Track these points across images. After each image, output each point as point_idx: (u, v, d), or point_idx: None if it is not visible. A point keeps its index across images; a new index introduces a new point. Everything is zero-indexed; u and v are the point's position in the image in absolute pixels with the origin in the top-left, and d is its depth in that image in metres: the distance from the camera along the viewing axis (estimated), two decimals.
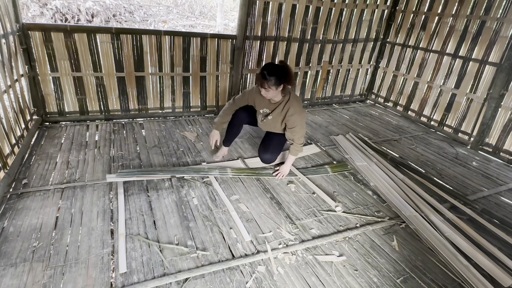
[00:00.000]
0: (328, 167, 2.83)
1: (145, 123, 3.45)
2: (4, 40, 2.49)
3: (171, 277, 1.62)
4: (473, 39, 3.63)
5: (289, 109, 2.42)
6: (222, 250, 1.84)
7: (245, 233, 1.98)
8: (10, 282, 1.52)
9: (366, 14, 4.33)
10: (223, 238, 1.94)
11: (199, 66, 3.58)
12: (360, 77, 4.85)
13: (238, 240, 1.93)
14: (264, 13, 3.60)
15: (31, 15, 8.35)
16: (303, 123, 2.46)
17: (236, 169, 2.60)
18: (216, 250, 1.84)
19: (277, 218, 2.16)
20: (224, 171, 2.55)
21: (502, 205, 2.57)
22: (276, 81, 2.22)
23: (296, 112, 2.41)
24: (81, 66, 3.11)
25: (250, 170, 2.64)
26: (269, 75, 2.20)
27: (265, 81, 2.21)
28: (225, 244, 1.89)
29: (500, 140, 3.43)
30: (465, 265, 1.85)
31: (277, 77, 2.22)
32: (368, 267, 1.83)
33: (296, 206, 2.30)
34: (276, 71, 2.22)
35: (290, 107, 2.42)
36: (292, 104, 2.42)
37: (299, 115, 2.42)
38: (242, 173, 2.56)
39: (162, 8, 11.03)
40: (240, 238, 1.95)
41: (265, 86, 2.23)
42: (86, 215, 2.00)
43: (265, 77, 2.20)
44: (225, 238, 1.94)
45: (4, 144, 2.30)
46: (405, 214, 2.27)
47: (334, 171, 2.80)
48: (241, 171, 2.58)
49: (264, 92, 2.30)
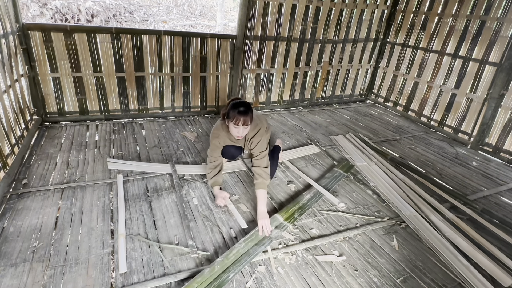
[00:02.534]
0: (338, 168, 2.81)
1: (145, 123, 3.45)
2: (4, 40, 2.49)
3: (171, 277, 1.62)
4: (473, 39, 3.63)
5: (250, 133, 2.25)
6: (222, 250, 1.84)
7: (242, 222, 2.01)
8: (10, 282, 1.52)
9: (366, 14, 4.33)
10: (223, 238, 1.94)
11: (199, 66, 3.58)
12: (360, 77, 4.85)
13: (238, 240, 1.93)
14: (264, 13, 3.60)
15: (31, 15, 8.35)
16: (264, 137, 2.26)
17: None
18: (216, 250, 1.83)
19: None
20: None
21: (502, 205, 2.57)
22: (252, 113, 2.09)
23: (256, 130, 2.24)
24: (81, 66, 3.11)
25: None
26: (249, 110, 2.05)
27: (247, 117, 2.03)
28: (225, 244, 1.89)
29: (500, 140, 3.43)
30: (465, 265, 1.85)
31: (251, 110, 2.09)
32: (368, 267, 1.83)
33: None
34: (248, 105, 2.08)
35: (252, 130, 2.24)
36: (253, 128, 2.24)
37: (259, 127, 2.25)
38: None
39: (162, 8, 11.03)
40: (240, 238, 1.95)
41: (248, 122, 2.05)
42: (86, 215, 2.00)
43: (245, 113, 2.02)
44: (225, 238, 1.94)
45: (4, 144, 2.30)
46: (405, 214, 2.27)
47: (344, 171, 2.79)
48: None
49: (242, 130, 2.07)
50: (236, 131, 2.09)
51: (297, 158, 2.99)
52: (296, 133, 3.56)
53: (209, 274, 1.63)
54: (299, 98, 4.45)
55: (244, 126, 2.06)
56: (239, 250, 1.81)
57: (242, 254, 1.78)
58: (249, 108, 2.07)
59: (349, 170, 2.82)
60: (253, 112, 2.12)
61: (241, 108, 2.03)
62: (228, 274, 1.65)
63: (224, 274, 1.65)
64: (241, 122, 2.03)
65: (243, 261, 1.74)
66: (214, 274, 1.64)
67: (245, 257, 1.77)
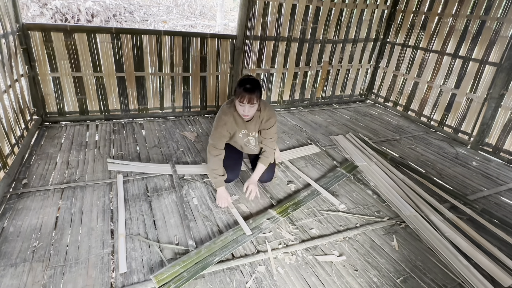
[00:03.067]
0: (341, 168, 2.80)
1: (145, 123, 3.45)
2: (4, 40, 2.49)
3: None
4: (473, 39, 3.63)
5: (264, 115, 2.21)
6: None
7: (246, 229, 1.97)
8: (10, 282, 1.52)
9: (366, 14, 4.33)
10: None
11: (199, 66, 3.58)
12: (360, 77, 4.85)
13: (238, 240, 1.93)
14: (264, 13, 3.60)
15: (31, 15, 8.35)
16: (276, 124, 2.29)
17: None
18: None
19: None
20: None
21: (502, 205, 2.57)
22: (260, 93, 2.05)
23: (271, 115, 2.22)
24: (81, 66, 3.11)
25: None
26: (255, 87, 1.98)
27: (253, 95, 1.96)
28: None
29: (500, 140, 3.43)
30: (465, 265, 1.85)
31: (259, 88, 2.03)
32: (368, 267, 1.83)
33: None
34: (256, 82, 2.01)
35: (263, 113, 2.20)
36: (264, 108, 2.21)
37: (274, 115, 2.25)
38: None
39: (162, 8, 11.03)
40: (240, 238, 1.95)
41: (253, 101, 1.98)
42: (86, 215, 2.00)
43: (251, 90, 1.96)
44: None
45: (4, 144, 2.30)
46: (405, 214, 2.27)
47: (349, 171, 2.78)
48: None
49: (247, 109, 2.01)
50: (242, 110, 2.03)
51: (297, 158, 2.99)
52: (296, 133, 3.56)
53: (195, 256, 1.73)
54: (299, 98, 4.45)
55: (249, 105, 1.98)
56: (227, 237, 1.89)
57: (230, 241, 1.86)
58: (256, 86, 1.99)
59: (352, 170, 2.81)
60: (261, 90, 2.05)
61: (247, 85, 1.95)
62: (214, 257, 1.73)
63: (210, 257, 1.73)
64: (246, 99, 1.96)
65: (230, 247, 1.81)
66: (201, 256, 1.73)
67: (232, 244, 1.85)
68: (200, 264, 1.68)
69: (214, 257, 1.74)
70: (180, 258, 1.71)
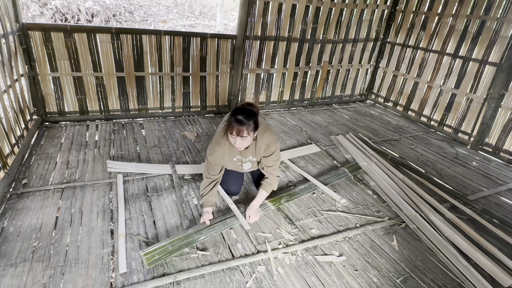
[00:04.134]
0: (345, 168, 2.79)
1: (145, 123, 3.45)
2: (4, 40, 2.49)
3: (171, 277, 1.62)
4: (473, 39, 3.63)
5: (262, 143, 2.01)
6: (222, 250, 1.84)
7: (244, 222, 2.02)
8: (10, 282, 1.52)
9: (366, 14, 4.33)
10: (223, 238, 1.94)
11: (199, 66, 3.58)
12: (360, 77, 4.85)
13: (238, 240, 1.93)
14: (264, 13, 3.60)
15: (31, 15, 8.35)
16: (278, 152, 2.09)
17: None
18: (216, 250, 1.83)
19: (276, 218, 2.16)
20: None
21: (502, 205, 2.57)
22: (255, 126, 1.85)
23: (270, 142, 2.02)
24: (81, 66, 3.11)
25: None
26: (247, 119, 1.79)
27: (242, 128, 1.78)
28: (225, 244, 1.89)
29: (500, 140, 3.43)
30: (465, 265, 1.85)
31: (255, 121, 1.84)
32: (368, 267, 1.83)
33: (296, 206, 2.30)
34: (249, 114, 1.82)
35: (260, 141, 2.00)
36: (262, 136, 2.00)
37: (275, 142, 2.04)
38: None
39: (162, 8, 11.03)
40: (241, 238, 1.95)
41: (243, 134, 1.79)
42: (86, 215, 2.00)
43: (242, 123, 1.78)
44: (225, 238, 1.94)
45: (4, 144, 2.30)
46: (405, 214, 2.27)
47: (351, 171, 2.78)
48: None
49: (239, 142, 1.83)
50: (233, 141, 1.86)
51: (297, 158, 2.99)
52: (296, 133, 3.56)
53: (183, 234, 1.87)
54: (299, 98, 4.44)
55: (239, 137, 1.82)
56: (215, 219, 2.03)
57: (217, 222, 2.00)
58: (250, 117, 1.81)
59: (355, 171, 2.80)
60: (257, 123, 1.86)
61: (239, 116, 1.79)
62: (200, 236, 1.88)
63: (196, 235, 1.88)
64: (235, 132, 1.80)
65: (217, 228, 1.96)
66: (188, 235, 1.87)
67: (220, 226, 1.98)
68: (185, 241, 1.82)
69: (200, 235, 1.88)
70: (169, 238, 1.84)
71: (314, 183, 2.53)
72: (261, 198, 2.12)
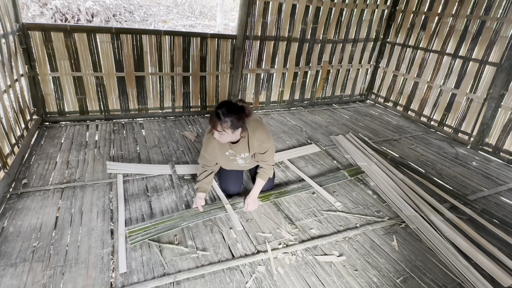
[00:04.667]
0: (345, 171, 2.76)
1: (145, 123, 3.45)
2: (4, 40, 2.49)
3: (171, 277, 1.62)
4: (473, 39, 3.63)
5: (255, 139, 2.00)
6: (222, 250, 1.84)
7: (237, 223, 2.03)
8: (10, 282, 1.52)
9: (366, 14, 4.33)
10: (223, 238, 1.94)
11: (199, 66, 3.58)
12: (360, 77, 4.85)
13: (238, 240, 1.93)
14: (264, 13, 3.60)
15: (31, 15, 8.35)
16: (273, 145, 2.11)
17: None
18: (216, 250, 1.84)
19: (276, 218, 2.16)
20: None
21: (502, 205, 2.57)
22: (233, 124, 1.80)
23: (263, 139, 2.01)
24: (81, 66, 3.11)
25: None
26: (224, 115, 1.77)
27: (218, 122, 1.78)
28: (225, 244, 1.89)
29: (500, 140, 3.43)
30: (465, 265, 1.85)
31: (234, 119, 1.79)
32: (368, 267, 1.83)
33: (296, 206, 2.30)
34: (233, 112, 1.79)
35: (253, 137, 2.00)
36: (253, 133, 1.99)
37: (268, 139, 2.03)
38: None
39: (162, 8, 11.03)
40: (241, 238, 1.95)
41: (217, 128, 1.80)
42: (86, 215, 2.00)
43: (219, 117, 1.77)
44: (225, 238, 1.94)
45: (4, 144, 2.30)
46: (405, 214, 2.27)
47: (351, 175, 2.73)
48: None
49: (217, 135, 1.86)
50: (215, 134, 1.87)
51: (297, 158, 2.99)
52: (296, 133, 3.56)
53: (167, 219, 1.98)
54: (299, 98, 4.44)
55: (217, 131, 1.82)
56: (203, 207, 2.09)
57: (201, 212, 2.07)
58: (229, 113, 1.77)
59: (355, 175, 2.76)
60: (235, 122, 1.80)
61: (218, 110, 1.78)
62: (183, 222, 1.98)
63: (180, 221, 1.98)
64: (211, 124, 1.81)
65: (200, 217, 2.04)
66: (171, 220, 1.97)
67: (203, 215, 2.06)
68: (168, 225, 1.93)
69: (183, 222, 1.97)
70: (154, 219, 1.97)
71: (310, 183, 2.52)
72: (259, 186, 2.17)
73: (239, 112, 1.82)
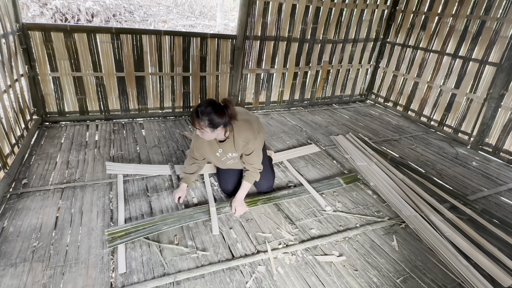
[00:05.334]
0: (340, 179, 2.65)
1: (145, 123, 3.45)
2: (4, 40, 2.49)
3: (171, 277, 1.62)
4: (473, 39, 3.63)
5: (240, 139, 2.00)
6: (222, 250, 1.84)
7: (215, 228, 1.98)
8: (10, 282, 1.52)
9: (366, 14, 4.33)
10: (223, 238, 1.94)
11: (199, 66, 3.58)
12: (360, 77, 4.85)
13: (238, 240, 1.93)
14: (264, 13, 3.60)
15: (31, 15, 8.35)
16: (259, 147, 2.10)
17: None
18: (216, 250, 1.84)
19: (276, 218, 2.16)
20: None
21: (502, 205, 2.57)
22: (211, 123, 1.79)
23: (249, 140, 2.00)
24: (81, 66, 3.11)
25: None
26: (202, 114, 1.77)
27: (196, 120, 1.79)
28: (225, 244, 1.89)
29: (500, 140, 3.43)
30: (465, 265, 1.85)
31: (212, 118, 1.77)
32: (368, 267, 1.83)
33: (296, 206, 2.30)
34: (212, 111, 1.77)
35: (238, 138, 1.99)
36: (239, 133, 1.98)
37: (254, 140, 2.01)
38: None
39: (162, 8, 11.03)
40: (241, 238, 1.95)
41: (196, 125, 1.81)
42: (86, 215, 2.00)
43: (197, 115, 1.78)
44: (225, 238, 1.94)
45: (4, 144, 2.30)
46: (405, 214, 2.27)
47: (346, 182, 2.62)
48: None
49: (198, 132, 1.87)
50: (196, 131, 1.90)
51: (297, 158, 2.99)
52: (296, 133, 3.56)
53: (148, 221, 1.95)
54: (299, 98, 4.44)
55: (197, 129, 1.84)
56: (185, 212, 2.07)
57: (185, 216, 2.04)
58: (205, 114, 1.77)
59: (351, 182, 2.66)
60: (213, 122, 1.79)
61: (197, 108, 1.80)
62: (164, 226, 1.95)
63: (162, 225, 1.94)
64: (191, 121, 1.83)
65: (182, 221, 2.00)
66: (153, 223, 1.95)
67: (186, 219, 2.02)
68: (148, 229, 1.89)
69: (164, 225, 1.94)
70: (135, 221, 1.95)
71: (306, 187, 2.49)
72: (245, 189, 2.13)
73: (219, 111, 1.79)
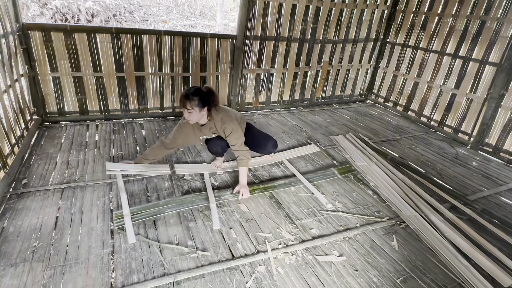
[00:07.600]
0: (335, 169, 2.76)
1: (145, 123, 3.45)
2: (4, 40, 2.49)
3: (171, 277, 1.62)
4: (473, 39, 3.63)
5: (219, 124, 2.33)
6: (222, 250, 1.84)
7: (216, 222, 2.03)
8: (10, 282, 1.52)
9: (366, 14, 4.33)
10: (223, 238, 1.94)
11: (199, 66, 3.58)
12: (360, 77, 4.85)
13: (238, 240, 1.93)
14: (264, 13, 3.60)
15: (31, 15, 8.35)
16: (237, 129, 2.36)
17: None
18: (216, 250, 1.84)
19: (277, 218, 2.16)
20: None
21: (502, 205, 2.57)
22: (200, 102, 2.14)
23: (225, 121, 2.31)
24: (81, 66, 3.11)
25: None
26: (192, 94, 2.13)
27: (187, 101, 2.12)
28: (225, 244, 1.89)
29: (500, 140, 3.43)
30: (465, 265, 1.85)
31: (200, 97, 2.14)
32: (368, 267, 1.83)
33: (296, 206, 2.30)
34: (200, 93, 2.16)
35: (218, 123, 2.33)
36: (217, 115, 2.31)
37: (230, 121, 2.32)
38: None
39: (162, 8, 11.03)
40: (241, 238, 1.95)
41: (187, 106, 2.13)
42: (86, 215, 2.00)
43: (188, 96, 2.12)
44: (225, 238, 1.94)
45: (4, 144, 2.30)
46: (405, 214, 2.27)
47: (341, 172, 2.75)
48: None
49: (186, 114, 2.18)
50: (184, 113, 2.21)
51: (297, 158, 2.99)
52: (296, 133, 3.56)
53: (152, 205, 2.10)
54: (299, 98, 4.45)
55: (185, 109, 2.15)
56: (187, 198, 2.21)
57: (186, 202, 2.16)
58: (195, 93, 2.13)
59: (346, 173, 2.76)
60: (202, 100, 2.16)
61: (187, 91, 2.15)
62: (168, 209, 2.07)
63: (165, 208, 2.08)
64: (182, 104, 2.14)
65: (184, 206, 2.13)
66: (157, 206, 2.09)
67: (187, 204, 2.15)
68: (153, 211, 2.03)
69: (168, 209, 2.08)
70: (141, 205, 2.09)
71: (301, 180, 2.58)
72: (244, 173, 2.33)
73: (204, 94, 2.18)
